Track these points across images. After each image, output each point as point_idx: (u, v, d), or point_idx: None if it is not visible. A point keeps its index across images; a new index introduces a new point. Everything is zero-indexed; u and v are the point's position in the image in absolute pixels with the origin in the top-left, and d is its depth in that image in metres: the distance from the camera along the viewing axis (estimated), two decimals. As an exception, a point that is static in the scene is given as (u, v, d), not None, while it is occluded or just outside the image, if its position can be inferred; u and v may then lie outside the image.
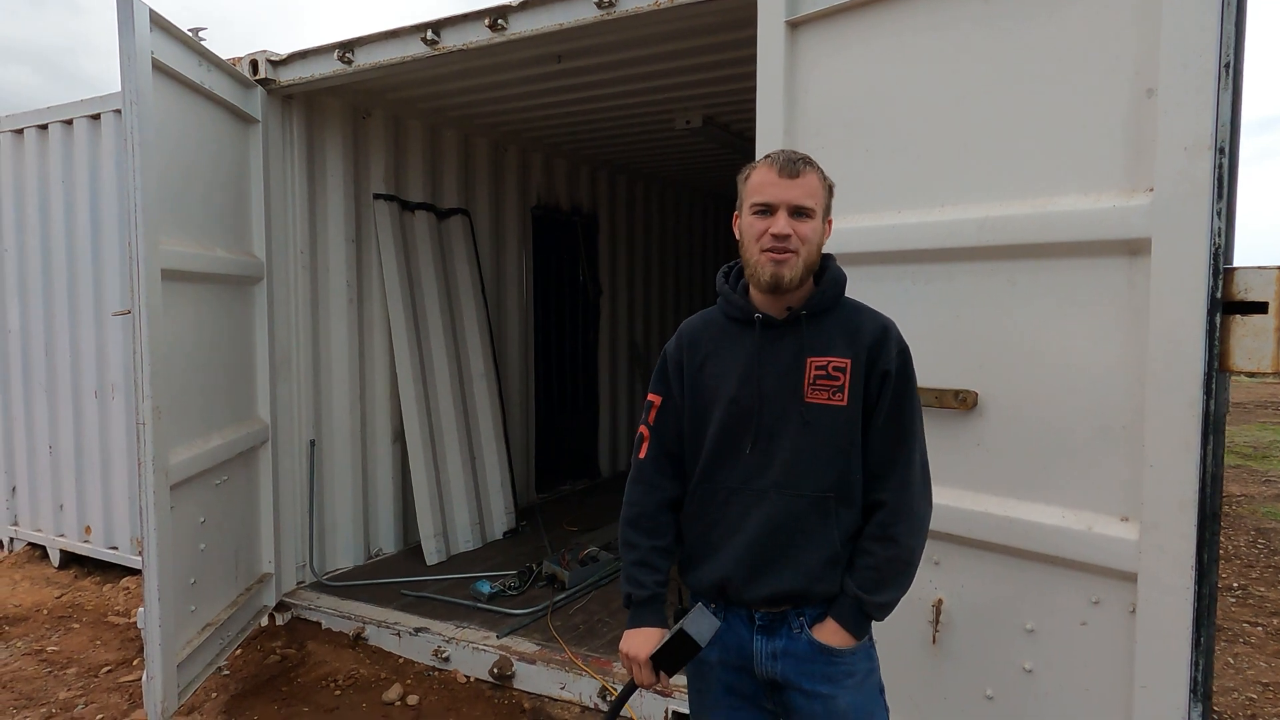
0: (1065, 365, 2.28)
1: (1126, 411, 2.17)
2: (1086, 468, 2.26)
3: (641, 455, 1.95)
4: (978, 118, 2.40)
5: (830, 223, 1.87)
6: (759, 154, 2.89)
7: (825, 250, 1.88)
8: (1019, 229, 2.31)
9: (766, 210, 1.77)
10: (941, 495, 2.57)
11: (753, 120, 2.91)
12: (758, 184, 1.79)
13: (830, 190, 1.84)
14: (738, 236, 1.87)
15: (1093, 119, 2.19)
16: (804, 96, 2.78)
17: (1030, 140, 2.31)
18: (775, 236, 1.74)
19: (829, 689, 1.78)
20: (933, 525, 2.56)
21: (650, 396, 1.97)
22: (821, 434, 1.77)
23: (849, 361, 1.78)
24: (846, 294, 1.91)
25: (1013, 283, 2.37)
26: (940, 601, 2.59)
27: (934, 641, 2.61)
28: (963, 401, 2.46)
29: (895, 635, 2.71)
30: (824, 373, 1.77)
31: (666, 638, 1.78)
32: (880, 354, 1.79)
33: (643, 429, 1.97)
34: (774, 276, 1.76)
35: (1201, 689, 2.06)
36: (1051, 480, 2.33)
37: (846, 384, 1.77)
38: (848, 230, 2.69)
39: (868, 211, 2.64)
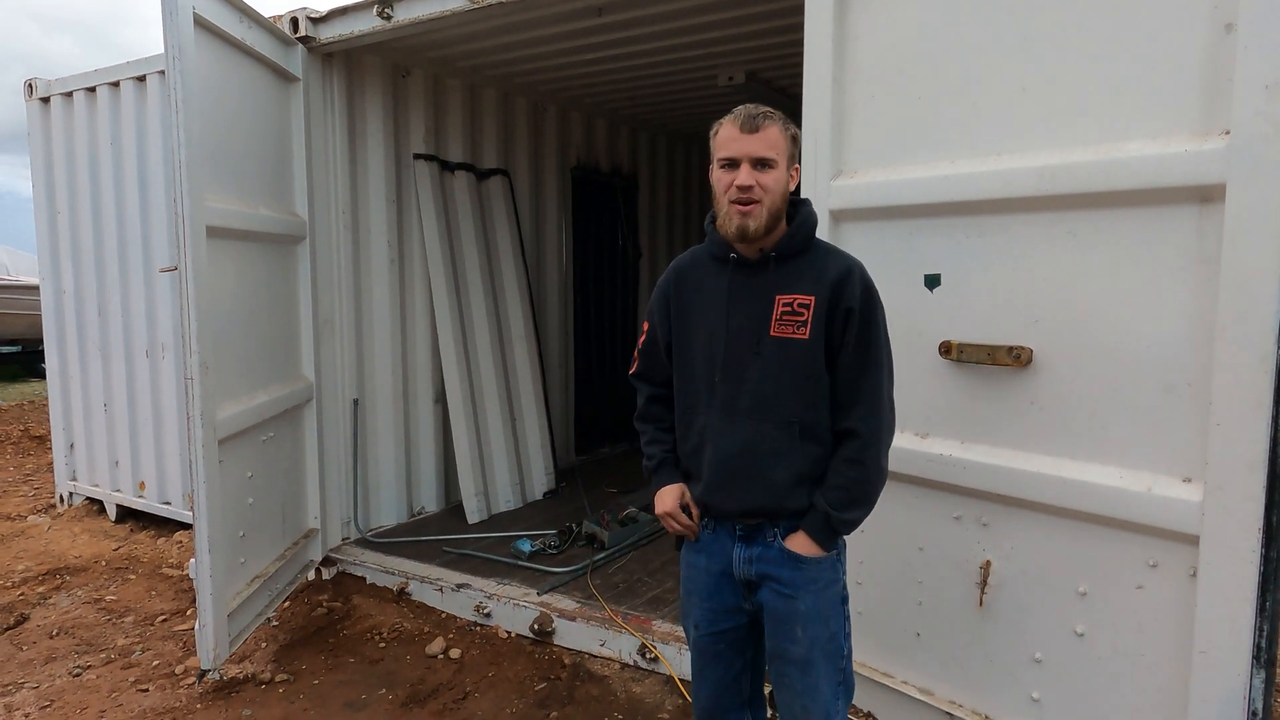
0: (1127, 320, 2.19)
1: (1193, 368, 2.08)
2: (1147, 427, 2.18)
3: (632, 371, 2.29)
4: (1039, 60, 2.29)
5: (797, 170, 2.02)
6: (805, 111, 2.81)
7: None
8: (1081, 177, 2.21)
9: (731, 164, 1.94)
10: (991, 455, 2.51)
11: (797, 76, 2.81)
12: (723, 140, 1.96)
13: (795, 140, 1.99)
14: (713, 187, 2.03)
15: (1164, 58, 2.07)
16: (853, 43, 2.68)
17: (1095, 82, 2.19)
18: (740, 188, 1.91)
19: (792, 591, 2.00)
20: (980, 486, 2.53)
21: (644, 323, 2.24)
22: (786, 364, 1.94)
23: (813, 299, 1.93)
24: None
25: (1073, 234, 2.27)
26: (989, 564, 2.53)
27: (981, 604, 2.56)
28: (1017, 358, 2.38)
29: (940, 597, 2.67)
30: (790, 309, 1.94)
31: None
32: (844, 292, 1.92)
33: (636, 350, 2.27)
34: (740, 228, 1.94)
35: (1265, 655, 1.99)
36: (1109, 440, 2.25)
37: (810, 319, 1.92)
38: (898, 182, 2.60)
39: (920, 162, 2.55)
